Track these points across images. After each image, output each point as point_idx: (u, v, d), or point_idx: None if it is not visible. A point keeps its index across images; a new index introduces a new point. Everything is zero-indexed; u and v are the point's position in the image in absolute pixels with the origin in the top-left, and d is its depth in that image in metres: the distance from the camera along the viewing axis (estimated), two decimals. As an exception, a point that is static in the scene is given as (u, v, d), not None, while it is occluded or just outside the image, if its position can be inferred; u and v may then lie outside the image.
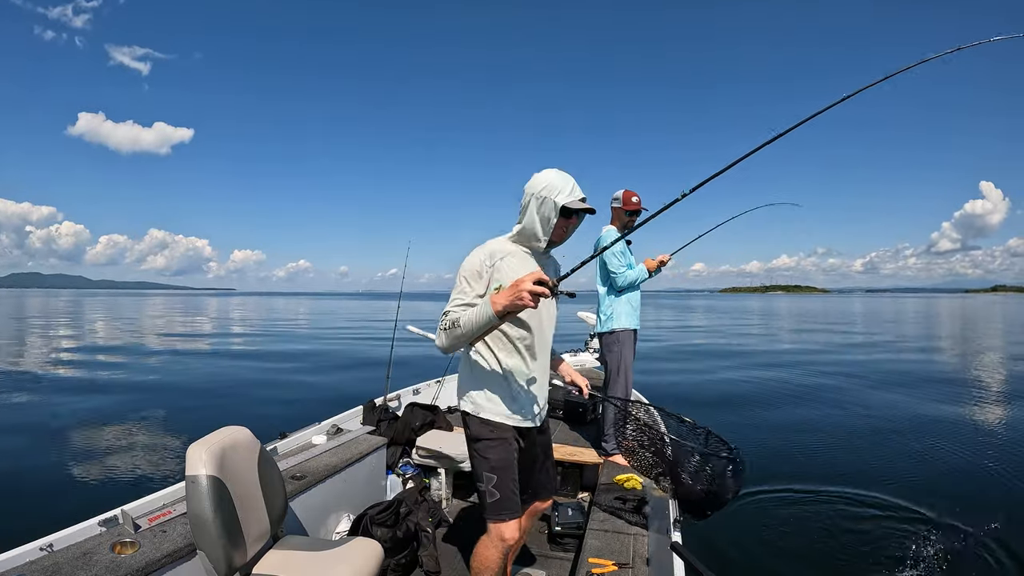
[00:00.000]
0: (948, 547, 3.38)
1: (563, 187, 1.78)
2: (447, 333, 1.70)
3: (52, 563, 1.67)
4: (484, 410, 1.89)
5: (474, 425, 1.91)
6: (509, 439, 1.89)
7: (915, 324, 30.15)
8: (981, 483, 4.65)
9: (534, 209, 1.81)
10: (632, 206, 3.27)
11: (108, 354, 14.08)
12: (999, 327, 27.04)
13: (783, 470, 4.87)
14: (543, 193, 1.79)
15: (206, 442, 1.72)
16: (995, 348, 16.87)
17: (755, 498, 4.17)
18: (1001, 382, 10.13)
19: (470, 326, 1.66)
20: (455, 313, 1.72)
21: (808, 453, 5.49)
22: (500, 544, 1.83)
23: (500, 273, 1.79)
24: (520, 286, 1.53)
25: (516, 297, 1.54)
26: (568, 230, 1.88)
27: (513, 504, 1.86)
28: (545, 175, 1.82)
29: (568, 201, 1.77)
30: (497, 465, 1.86)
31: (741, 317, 37.31)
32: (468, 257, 1.83)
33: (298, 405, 7.57)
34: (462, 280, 1.80)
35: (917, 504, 4.08)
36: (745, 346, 17.32)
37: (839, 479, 4.63)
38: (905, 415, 7.23)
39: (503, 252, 1.83)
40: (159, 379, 10.12)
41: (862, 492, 4.34)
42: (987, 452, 5.50)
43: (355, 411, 3.55)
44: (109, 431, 6.10)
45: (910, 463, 5.17)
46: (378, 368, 8.94)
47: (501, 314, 1.60)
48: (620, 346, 3.31)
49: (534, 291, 1.51)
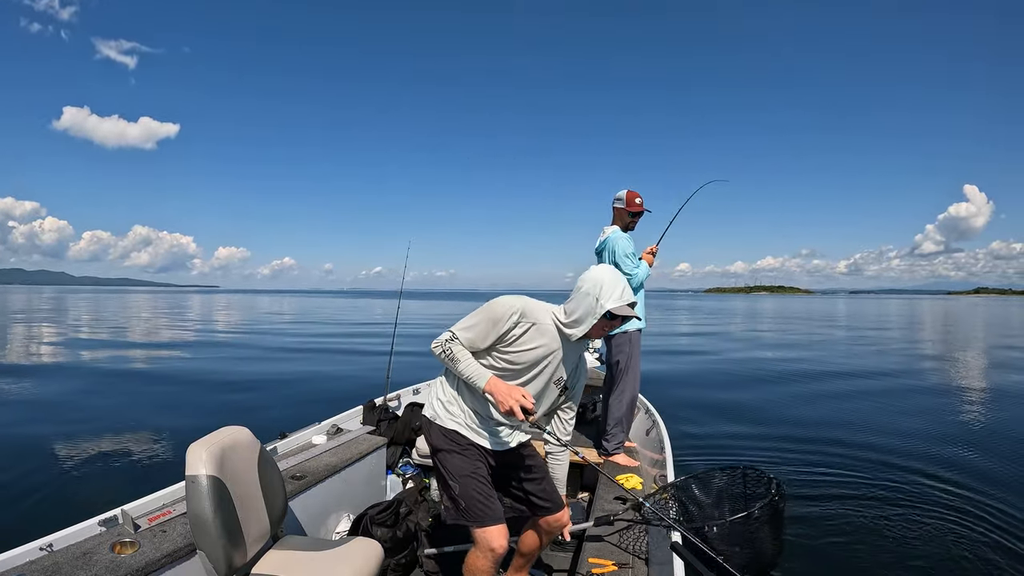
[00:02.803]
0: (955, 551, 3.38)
1: (613, 291, 1.80)
2: (445, 355, 1.84)
3: (52, 563, 1.67)
4: (446, 419, 1.92)
5: (434, 433, 1.93)
6: (473, 450, 1.90)
7: (914, 324, 30.15)
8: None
9: (583, 302, 1.82)
10: (636, 207, 3.28)
11: (105, 353, 14.06)
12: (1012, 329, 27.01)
13: (783, 471, 4.87)
14: (593, 291, 1.81)
15: (206, 442, 1.72)
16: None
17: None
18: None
19: (460, 372, 1.81)
20: (459, 349, 1.81)
21: (809, 453, 5.48)
22: (489, 554, 1.80)
23: (521, 339, 1.82)
24: (512, 398, 1.73)
25: (501, 399, 1.75)
26: (606, 331, 1.88)
27: (486, 510, 1.82)
28: (600, 274, 1.84)
29: (615, 307, 1.78)
30: (457, 472, 1.86)
31: (727, 318, 37.29)
32: (500, 300, 1.84)
33: (298, 405, 7.55)
34: (483, 317, 1.82)
35: (917, 504, 4.09)
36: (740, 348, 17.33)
37: (840, 479, 4.63)
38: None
39: (535, 320, 1.83)
40: (158, 379, 10.10)
41: (863, 493, 4.34)
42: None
43: (355, 411, 3.54)
44: (108, 431, 6.09)
45: (912, 463, 5.18)
46: (378, 368, 8.93)
47: (487, 392, 1.79)
48: (631, 347, 3.30)
49: (514, 410, 1.73)
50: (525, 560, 2.16)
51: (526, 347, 1.83)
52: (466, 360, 1.80)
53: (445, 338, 1.84)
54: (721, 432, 6.27)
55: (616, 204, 3.34)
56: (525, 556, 2.15)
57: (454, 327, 1.85)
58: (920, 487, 4.46)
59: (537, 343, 1.84)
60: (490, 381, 1.78)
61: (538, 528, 2.07)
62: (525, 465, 2.02)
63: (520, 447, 2.02)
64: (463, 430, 1.90)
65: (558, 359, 1.89)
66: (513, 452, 2.00)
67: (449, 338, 1.83)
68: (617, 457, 3.22)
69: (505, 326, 1.80)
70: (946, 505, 4.06)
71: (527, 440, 2.06)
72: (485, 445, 1.92)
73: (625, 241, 3.23)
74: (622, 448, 3.29)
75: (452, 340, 1.83)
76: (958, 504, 4.08)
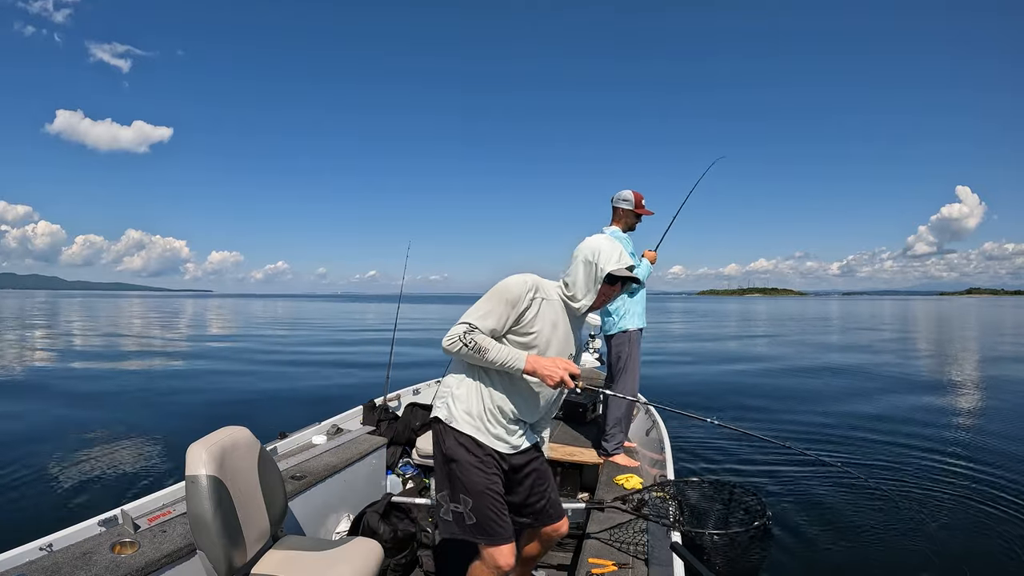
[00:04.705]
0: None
1: (611, 255, 1.77)
2: (468, 349, 1.68)
3: (52, 563, 1.67)
4: (462, 422, 1.79)
5: (448, 440, 1.80)
6: (491, 462, 1.79)
7: (911, 324, 30.14)
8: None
9: (581, 271, 1.79)
10: (643, 210, 3.27)
11: (103, 355, 14.07)
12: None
13: (784, 470, 4.87)
14: (591, 258, 1.78)
15: (206, 442, 1.71)
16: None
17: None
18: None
19: (492, 360, 1.69)
20: (483, 337, 1.69)
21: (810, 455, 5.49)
22: (495, 570, 1.76)
23: (537, 316, 1.76)
24: (558, 368, 1.68)
25: (549, 373, 1.68)
26: (609, 297, 1.84)
27: (497, 528, 1.75)
28: (596, 241, 1.81)
29: (615, 269, 1.76)
30: (472, 488, 1.75)
31: (721, 319, 37.28)
32: (512, 280, 1.77)
33: (298, 405, 7.56)
34: (497, 300, 1.74)
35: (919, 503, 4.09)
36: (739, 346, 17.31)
37: (841, 476, 4.63)
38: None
39: (546, 295, 1.80)
40: (157, 379, 10.11)
41: (865, 491, 4.34)
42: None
43: (355, 411, 3.54)
44: (108, 431, 6.09)
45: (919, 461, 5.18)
46: (378, 368, 8.94)
47: (527, 373, 1.70)
48: (631, 346, 3.29)
49: (564, 379, 1.67)
50: (525, 567, 2.15)
51: (541, 324, 1.77)
52: (495, 347, 1.69)
53: (463, 330, 1.69)
54: (721, 432, 6.28)
55: (623, 205, 3.27)
56: (526, 563, 2.14)
57: (467, 317, 1.72)
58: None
59: (550, 318, 1.79)
60: (528, 359, 1.69)
61: (539, 536, 2.05)
62: (536, 470, 1.95)
63: (532, 449, 1.95)
64: (480, 435, 1.79)
65: (569, 333, 1.86)
66: (526, 455, 1.92)
67: (468, 329, 1.69)
68: (617, 457, 3.21)
69: (524, 305, 1.74)
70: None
71: (536, 443, 1.99)
72: (502, 448, 1.83)
73: (625, 242, 3.22)
74: (622, 448, 3.28)
75: (472, 331, 1.69)
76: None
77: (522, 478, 1.92)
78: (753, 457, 5.24)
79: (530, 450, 1.93)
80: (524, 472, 1.92)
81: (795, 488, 4.40)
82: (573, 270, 1.82)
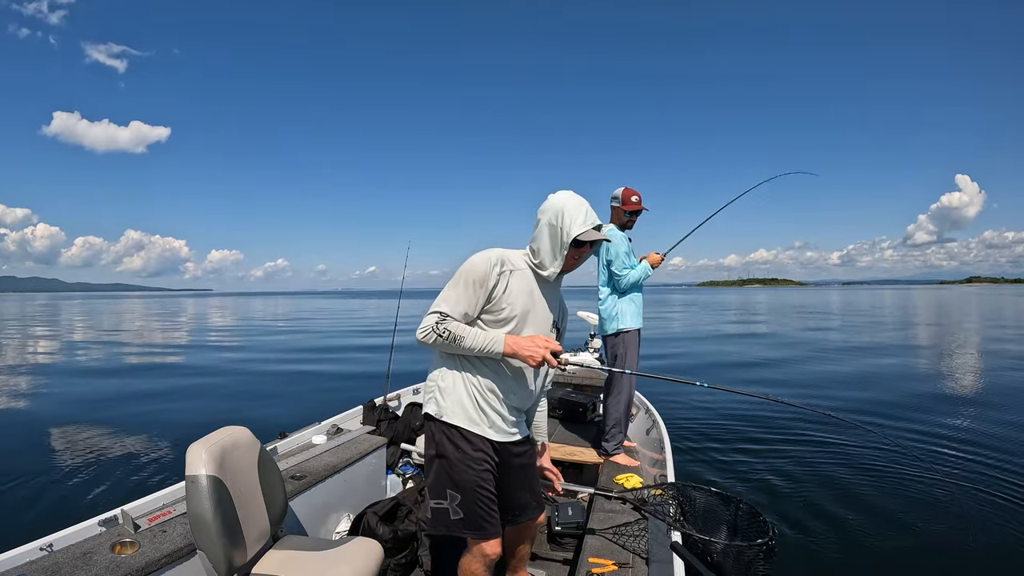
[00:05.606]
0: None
1: (576, 215, 1.67)
2: (443, 340, 1.62)
3: (52, 563, 1.67)
4: (450, 415, 1.73)
5: (438, 434, 1.74)
6: (481, 457, 1.73)
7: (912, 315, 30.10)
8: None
9: (546, 236, 1.71)
10: (632, 206, 3.24)
11: (103, 355, 14.07)
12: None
13: (786, 469, 4.86)
14: (555, 221, 1.69)
15: (206, 442, 1.72)
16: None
17: (757, 496, 4.16)
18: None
19: (470, 348, 1.64)
20: (455, 325, 1.62)
21: (812, 453, 5.47)
22: (483, 558, 1.76)
23: (507, 290, 1.69)
24: (538, 347, 1.62)
25: (529, 354, 1.62)
26: (579, 260, 1.77)
27: (484, 523, 1.73)
28: (559, 199, 1.71)
29: (581, 232, 1.66)
30: (462, 483, 1.71)
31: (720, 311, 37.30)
32: (475, 258, 1.70)
33: (298, 405, 7.56)
34: (464, 283, 1.67)
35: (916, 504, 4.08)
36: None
37: (843, 478, 4.63)
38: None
39: (513, 266, 1.72)
40: (157, 379, 10.11)
41: (869, 491, 4.33)
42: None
43: (355, 411, 3.55)
44: (108, 431, 6.10)
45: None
46: (378, 368, 8.94)
47: (507, 356, 1.65)
48: (626, 347, 3.29)
49: (546, 358, 1.62)
50: (519, 560, 2.15)
51: (513, 298, 1.70)
52: (471, 333, 1.63)
53: (434, 320, 1.63)
54: (722, 432, 6.27)
55: (612, 203, 3.30)
56: (518, 558, 2.14)
57: (437, 306, 1.65)
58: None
59: (524, 289, 1.72)
60: (507, 342, 1.63)
61: (521, 531, 2.04)
62: (525, 464, 1.92)
63: (525, 442, 1.91)
64: (473, 425, 1.73)
65: (543, 302, 1.78)
66: (518, 447, 1.87)
67: (439, 319, 1.62)
68: (617, 457, 3.22)
69: (492, 282, 1.67)
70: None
71: (528, 434, 1.96)
72: (496, 436, 1.76)
73: (619, 239, 3.21)
74: (622, 448, 3.29)
75: (444, 319, 1.63)
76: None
77: (512, 471, 1.87)
78: (753, 458, 5.23)
79: (522, 442, 1.89)
80: (515, 465, 1.87)
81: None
82: (538, 234, 1.73)
